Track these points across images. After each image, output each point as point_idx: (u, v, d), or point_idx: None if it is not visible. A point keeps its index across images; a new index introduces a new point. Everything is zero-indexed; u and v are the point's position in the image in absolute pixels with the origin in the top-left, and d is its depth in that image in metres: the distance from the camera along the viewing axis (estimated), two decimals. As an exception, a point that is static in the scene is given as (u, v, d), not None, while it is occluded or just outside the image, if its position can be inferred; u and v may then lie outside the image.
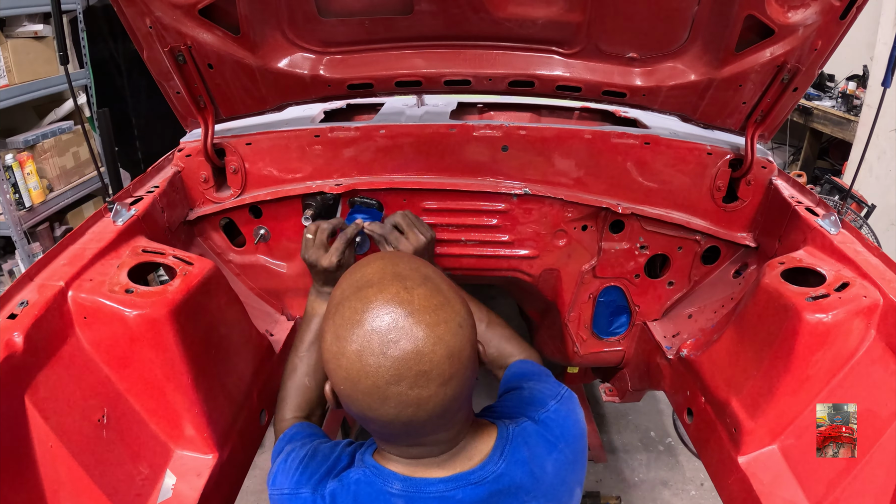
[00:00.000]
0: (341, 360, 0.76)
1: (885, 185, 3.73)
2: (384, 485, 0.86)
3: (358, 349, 0.74)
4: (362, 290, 0.78)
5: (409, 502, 0.85)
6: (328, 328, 0.79)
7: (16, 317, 1.00)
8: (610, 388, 2.07)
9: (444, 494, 0.84)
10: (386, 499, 0.85)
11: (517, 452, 0.89)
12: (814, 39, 1.33)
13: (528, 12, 1.42)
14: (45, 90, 3.13)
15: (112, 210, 1.32)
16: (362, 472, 0.88)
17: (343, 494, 0.88)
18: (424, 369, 0.74)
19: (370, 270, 0.82)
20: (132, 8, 1.27)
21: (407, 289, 0.77)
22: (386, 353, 0.73)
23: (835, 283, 1.20)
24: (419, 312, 0.75)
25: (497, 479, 0.86)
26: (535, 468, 0.89)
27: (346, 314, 0.77)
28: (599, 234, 1.66)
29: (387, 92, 1.62)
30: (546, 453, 0.92)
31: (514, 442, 0.90)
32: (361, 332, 0.75)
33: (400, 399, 0.74)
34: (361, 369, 0.74)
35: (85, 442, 1.03)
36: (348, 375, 0.76)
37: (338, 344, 0.77)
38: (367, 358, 0.74)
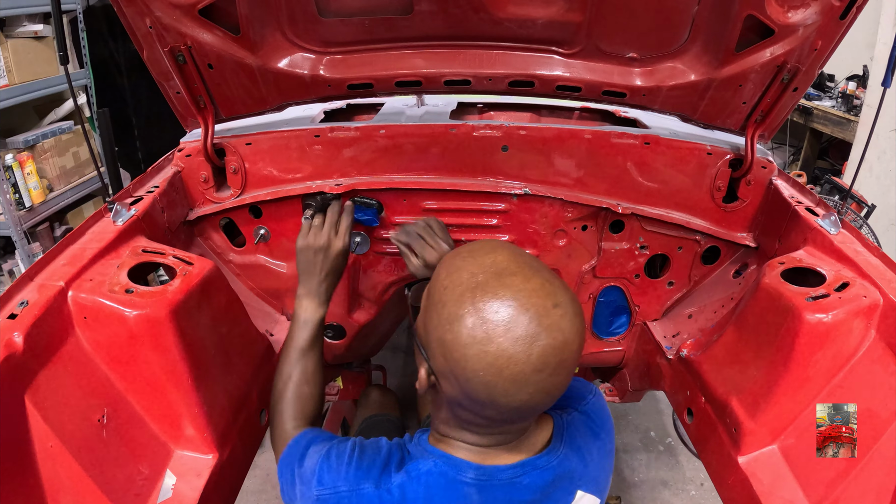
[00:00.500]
0: (489, 346, 0.75)
1: (885, 185, 3.73)
2: (457, 474, 0.87)
3: (516, 337, 0.75)
4: (505, 278, 0.78)
5: (481, 490, 0.87)
6: (466, 313, 0.77)
7: (16, 317, 1.00)
8: (610, 388, 2.07)
9: (514, 480, 0.88)
10: (459, 488, 0.87)
11: (573, 440, 0.95)
12: (814, 39, 1.33)
13: (528, 12, 1.42)
14: (45, 90, 3.13)
15: (112, 210, 1.32)
16: (433, 462, 0.89)
17: (413, 487, 0.87)
18: (564, 359, 0.77)
19: (502, 258, 0.82)
20: (132, 8, 1.27)
21: (548, 281, 0.80)
22: (536, 343, 0.75)
23: (835, 283, 1.21)
24: (563, 306, 0.78)
25: (559, 464, 0.91)
26: (586, 455, 0.96)
27: (491, 302, 0.76)
28: (599, 234, 1.66)
29: (387, 92, 1.62)
30: (592, 441, 0.98)
31: (569, 430, 0.96)
32: (514, 321, 0.75)
33: (539, 386, 0.77)
34: (512, 357, 0.75)
35: (85, 442, 1.03)
36: (495, 361, 0.75)
37: (485, 329, 0.76)
38: (519, 346, 0.75)
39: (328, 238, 1.31)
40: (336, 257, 1.32)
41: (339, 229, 1.34)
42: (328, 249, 1.31)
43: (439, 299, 0.82)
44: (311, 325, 1.28)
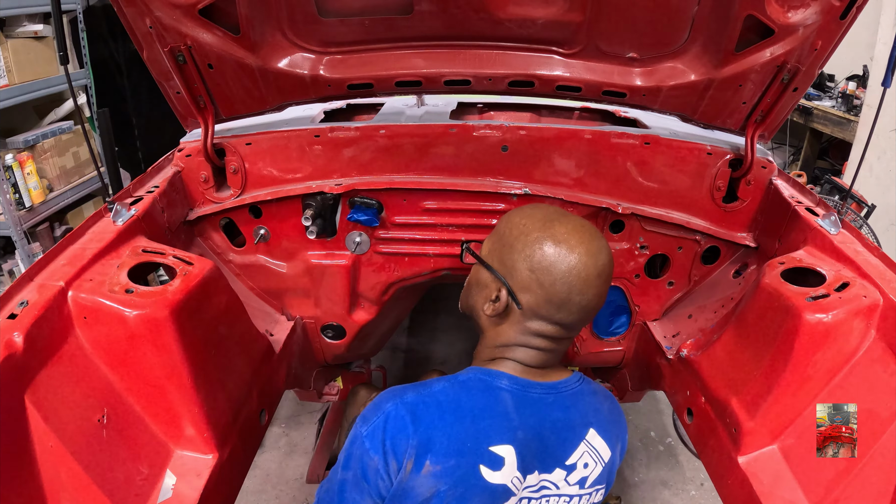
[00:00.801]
0: (570, 257, 0.99)
1: (885, 185, 3.73)
2: (493, 380, 1.03)
3: (587, 249, 1.00)
4: (568, 217, 1.05)
5: (515, 398, 1.03)
6: (549, 235, 1.01)
7: (16, 317, 1.00)
8: (610, 388, 2.07)
9: (543, 398, 1.05)
10: (496, 391, 1.03)
11: (588, 385, 1.13)
12: (814, 39, 1.33)
13: (528, 12, 1.42)
14: (45, 90, 3.13)
15: (112, 210, 1.32)
16: (473, 373, 1.06)
17: (454, 389, 1.02)
18: (610, 272, 1.04)
19: (549, 210, 1.08)
20: (132, 8, 1.27)
21: (585, 221, 1.07)
22: (599, 255, 1.01)
23: (835, 283, 1.21)
24: (600, 236, 1.05)
25: (576, 394, 1.08)
26: (597, 403, 1.12)
27: (567, 227, 1.02)
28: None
29: (387, 92, 1.62)
30: (605, 398, 1.15)
31: (586, 379, 1.14)
32: (586, 238, 1.01)
33: (598, 290, 1.02)
34: (587, 263, 0.99)
35: (85, 442, 1.03)
36: (575, 266, 0.99)
37: (567, 245, 1.00)
38: (589, 256, 1.00)
39: None
40: None
41: None
42: None
43: (521, 232, 1.04)
44: None
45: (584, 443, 1.07)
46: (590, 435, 1.07)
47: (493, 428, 0.98)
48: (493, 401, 1.01)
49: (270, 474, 2.54)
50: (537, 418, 1.03)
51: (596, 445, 1.08)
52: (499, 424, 0.99)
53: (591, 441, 1.07)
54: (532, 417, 1.02)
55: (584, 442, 1.06)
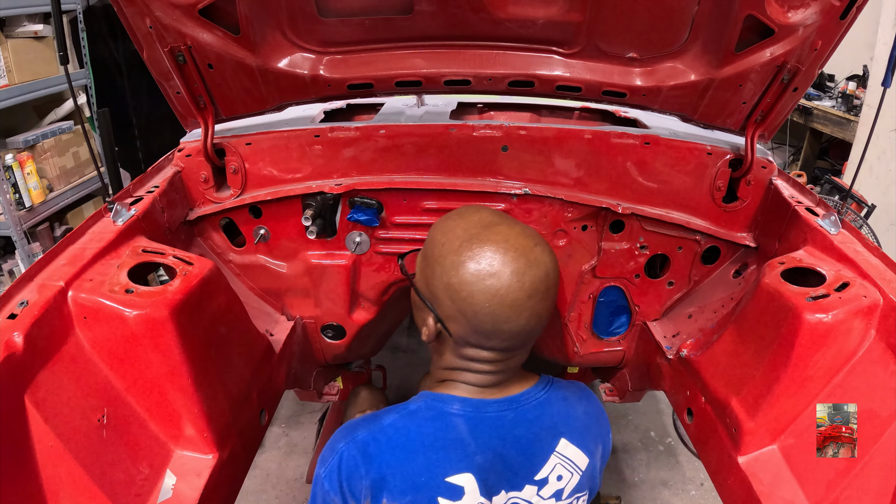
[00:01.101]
0: (489, 281, 0.90)
1: (885, 185, 3.73)
2: (444, 406, 0.98)
3: (511, 270, 0.90)
4: (493, 228, 0.94)
5: (468, 420, 0.97)
6: (466, 258, 0.91)
7: (16, 317, 1.00)
8: (610, 388, 2.07)
9: (501, 415, 0.99)
10: (446, 417, 0.97)
11: (557, 391, 1.05)
12: (814, 39, 1.33)
13: (528, 12, 1.42)
14: (45, 90, 3.13)
15: (112, 210, 1.32)
16: (422, 401, 1.00)
17: (404, 422, 0.97)
18: (549, 286, 0.93)
19: (486, 214, 0.98)
20: (132, 8, 1.27)
21: (526, 229, 0.97)
22: (526, 274, 0.90)
23: (835, 283, 1.20)
24: (541, 244, 0.94)
25: (540, 405, 1.02)
26: (570, 407, 1.05)
27: (486, 246, 0.91)
28: (599, 233, 1.66)
29: (387, 92, 1.62)
30: (577, 400, 1.07)
31: (555, 384, 1.07)
32: (510, 258, 0.90)
33: (532, 311, 0.92)
34: (510, 286, 0.90)
35: (85, 442, 1.03)
36: (497, 292, 0.90)
37: (484, 268, 0.90)
38: (514, 278, 0.90)
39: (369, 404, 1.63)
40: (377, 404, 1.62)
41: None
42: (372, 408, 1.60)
43: (440, 253, 0.95)
44: None
45: (555, 455, 1.01)
46: (560, 445, 1.01)
47: (447, 459, 0.94)
48: (445, 429, 0.96)
49: (270, 474, 2.54)
50: (497, 439, 0.97)
51: (569, 455, 1.02)
52: (454, 454, 0.94)
53: (562, 452, 1.01)
54: (491, 439, 0.97)
55: (554, 454, 1.01)
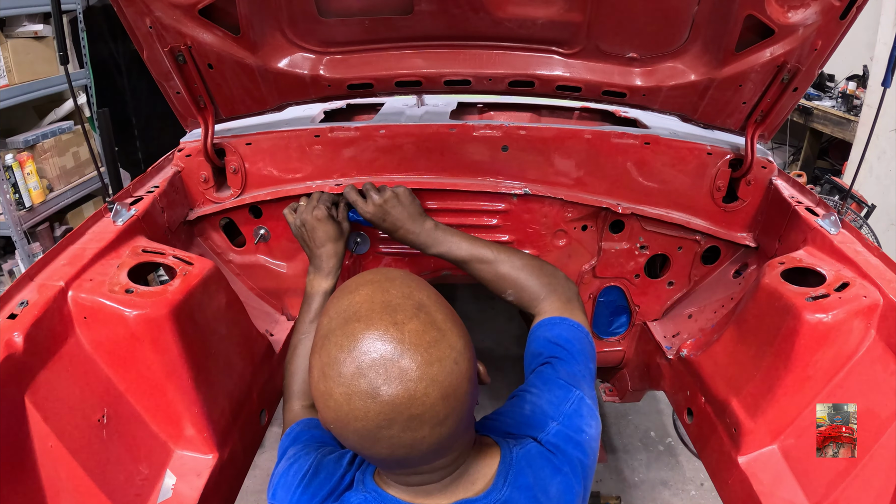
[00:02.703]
0: (329, 401, 0.71)
1: (885, 185, 3.73)
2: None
3: (346, 392, 0.69)
4: (349, 325, 0.72)
5: None
6: (315, 363, 0.74)
7: (16, 317, 1.00)
8: (610, 388, 2.07)
9: None
10: None
11: (521, 477, 0.85)
12: (814, 39, 1.33)
13: (528, 12, 1.42)
14: (45, 90, 3.13)
15: (112, 210, 1.32)
16: (363, 497, 0.84)
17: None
18: (417, 413, 0.69)
19: (358, 299, 0.75)
20: (132, 8, 1.27)
21: (397, 324, 0.71)
22: (375, 397, 0.68)
23: (835, 283, 1.20)
24: (410, 352, 0.69)
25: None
26: (539, 493, 0.85)
27: (332, 351, 0.72)
28: (599, 234, 1.66)
29: (387, 92, 1.62)
30: (550, 476, 0.87)
31: (518, 466, 0.85)
32: (348, 374, 0.69)
33: (392, 442, 0.71)
34: (350, 412, 0.70)
35: (85, 442, 1.03)
36: (337, 416, 0.71)
37: (325, 383, 0.71)
38: (356, 401, 0.69)
39: (301, 212, 1.38)
40: (315, 226, 1.36)
41: (311, 200, 1.40)
42: (307, 222, 1.37)
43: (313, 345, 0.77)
44: (315, 298, 1.32)
45: None
46: None
47: None
48: None
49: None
50: None
51: None
52: None
53: None
54: None
55: None
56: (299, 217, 1.38)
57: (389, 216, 1.37)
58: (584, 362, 1.04)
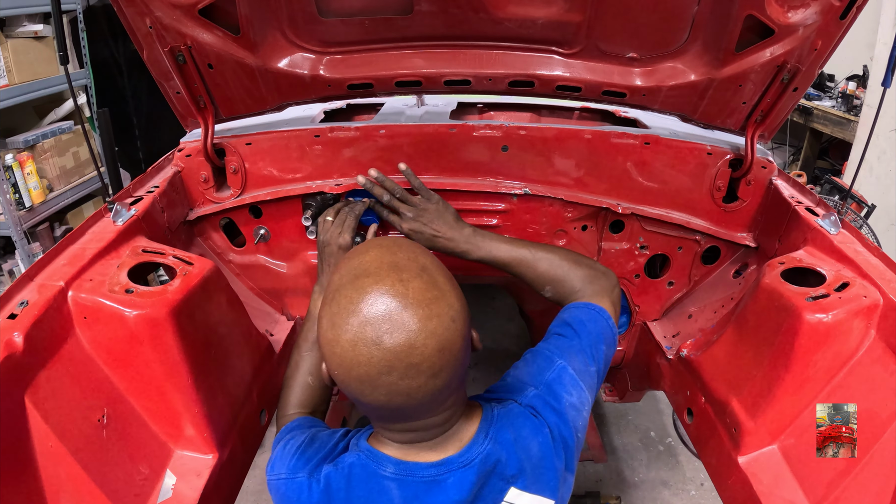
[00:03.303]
0: (335, 348, 0.79)
1: (885, 185, 3.73)
2: (377, 468, 0.88)
3: (352, 338, 0.76)
4: (359, 279, 0.79)
5: (402, 486, 0.87)
6: (325, 314, 0.81)
7: (16, 317, 1.00)
8: (610, 388, 2.07)
9: (436, 479, 0.87)
10: (378, 481, 0.87)
11: (502, 433, 0.90)
12: (814, 39, 1.33)
13: (528, 12, 1.42)
14: (45, 90, 3.13)
15: (112, 210, 1.32)
16: (356, 455, 0.90)
17: (337, 477, 0.90)
18: (415, 362, 0.76)
19: (368, 259, 0.83)
20: (132, 8, 1.27)
21: (402, 281, 0.78)
22: (379, 344, 0.75)
23: (835, 283, 1.20)
24: (413, 306, 0.76)
25: (483, 460, 0.87)
26: (520, 450, 0.90)
27: (342, 302, 0.79)
28: (599, 234, 1.66)
29: (387, 92, 1.62)
30: (531, 436, 0.92)
31: (499, 423, 0.91)
32: (356, 322, 0.76)
33: (390, 388, 0.77)
34: (354, 358, 0.77)
35: (85, 442, 1.03)
36: (342, 362, 0.78)
37: (333, 331, 0.79)
38: (361, 347, 0.76)
39: (331, 235, 1.39)
40: (338, 253, 1.38)
41: (343, 226, 1.41)
42: (330, 245, 1.39)
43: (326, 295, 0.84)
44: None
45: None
46: (510, 495, 0.89)
47: None
48: (376, 493, 0.87)
49: (270, 474, 2.54)
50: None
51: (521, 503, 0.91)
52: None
53: (512, 502, 0.90)
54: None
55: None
56: (324, 235, 1.40)
57: (427, 228, 1.37)
58: (593, 343, 1.07)
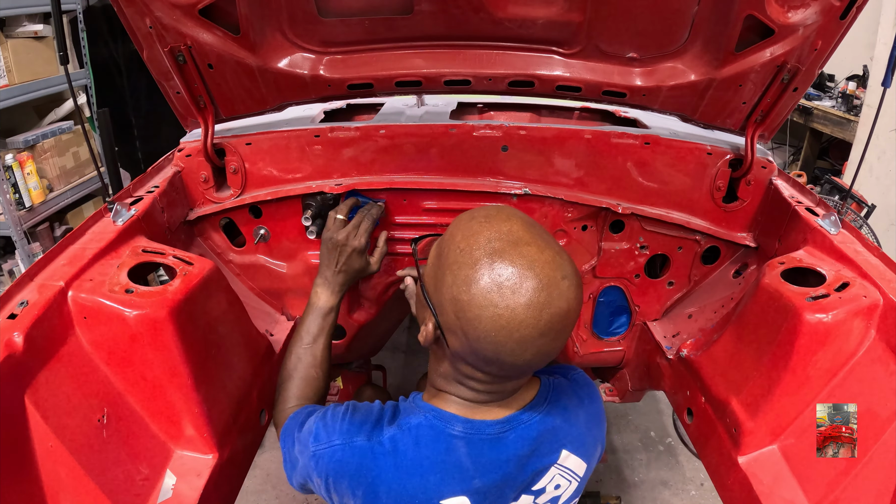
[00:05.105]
0: (502, 310, 0.80)
1: (885, 185, 3.73)
2: (446, 426, 0.93)
3: (526, 302, 0.80)
4: (521, 247, 0.82)
5: (469, 444, 0.93)
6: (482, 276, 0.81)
7: (16, 317, 1.00)
8: (610, 388, 2.07)
9: (500, 434, 0.94)
10: (447, 439, 0.93)
11: (558, 400, 1.00)
12: (814, 39, 1.33)
13: (528, 12, 1.42)
14: (45, 90, 3.13)
15: (112, 210, 1.32)
16: (423, 416, 0.95)
17: (404, 439, 0.93)
18: (566, 325, 0.84)
19: (517, 227, 0.85)
20: (132, 8, 1.27)
21: (559, 254, 0.85)
22: (545, 310, 0.80)
23: (835, 283, 1.20)
24: (570, 277, 0.84)
25: (541, 420, 0.97)
26: (571, 416, 1.01)
27: (508, 268, 0.81)
28: (599, 234, 1.66)
29: (387, 92, 1.62)
30: (578, 406, 1.03)
31: (555, 391, 1.01)
32: (530, 287, 0.80)
33: (541, 349, 0.83)
34: (523, 321, 0.80)
35: (85, 442, 1.03)
36: (507, 324, 0.80)
37: (501, 294, 0.80)
38: (530, 311, 0.80)
39: (347, 236, 1.41)
40: (351, 254, 1.41)
41: (359, 230, 1.44)
42: (345, 246, 1.41)
43: (455, 260, 0.85)
44: (323, 311, 1.37)
45: (556, 467, 0.99)
46: (562, 457, 0.99)
47: (444, 482, 0.92)
48: (445, 451, 0.93)
49: (270, 474, 2.54)
50: (497, 461, 0.94)
51: (569, 465, 1.00)
52: (451, 477, 0.92)
53: (563, 463, 0.99)
54: (491, 462, 0.94)
55: (555, 466, 0.99)
56: (339, 234, 1.41)
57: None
58: None
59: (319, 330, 1.34)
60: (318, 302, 1.37)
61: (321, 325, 1.35)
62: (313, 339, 1.32)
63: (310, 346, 1.32)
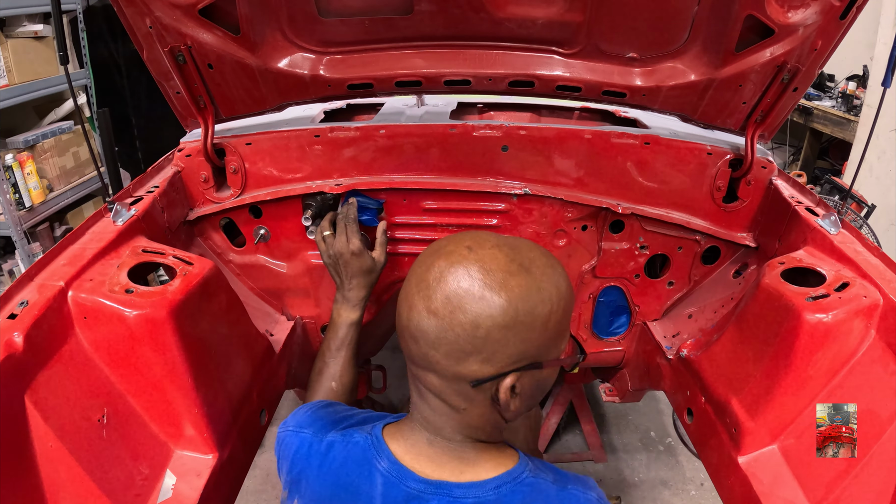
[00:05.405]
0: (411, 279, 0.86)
1: (885, 185, 3.73)
2: (375, 456, 0.87)
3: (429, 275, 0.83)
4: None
5: (387, 485, 0.84)
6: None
7: (16, 317, 1.00)
8: (610, 388, 2.07)
9: (420, 495, 0.82)
10: (369, 470, 0.86)
11: (513, 497, 0.81)
12: (814, 39, 1.33)
13: (528, 12, 1.42)
14: (45, 90, 3.13)
15: (112, 210, 1.32)
16: (365, 437, 0.91)
17: (339, 448, 0.92)
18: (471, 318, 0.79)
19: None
20: (132, 8, 1.27)
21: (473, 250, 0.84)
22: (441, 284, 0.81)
23: (835, 283, 1.20)
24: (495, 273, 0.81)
25: None
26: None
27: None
28: (599, 234, 1.66)
29: (387, 92, 1.62)
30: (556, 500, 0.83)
31: (520, 488, 0.82)
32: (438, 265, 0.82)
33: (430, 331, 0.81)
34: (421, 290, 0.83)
35: (85, 442, 1.03)
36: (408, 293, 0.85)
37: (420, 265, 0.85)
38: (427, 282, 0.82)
39: (340, 245, 1.43)
40: (351, 260, 1.43)
41: (347, 233, 1.44)
42: (342, 255, 1.43)
43: None
44: (341, 328, 1.41)
45: None
46: None
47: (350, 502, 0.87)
48: (364, 478, 0.86)
49: (270, 474, 2.54)
50: None
51: None
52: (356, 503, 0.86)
53: None
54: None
55: None
56: (332, 248, 1.44)
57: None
58: None
59: (338, 345, 1.39)
60: (339, 318, 1.42)
61: (339, 341, 1.39)
62: (332, 354, 1.38)
63: (331, 359, 1.37)
